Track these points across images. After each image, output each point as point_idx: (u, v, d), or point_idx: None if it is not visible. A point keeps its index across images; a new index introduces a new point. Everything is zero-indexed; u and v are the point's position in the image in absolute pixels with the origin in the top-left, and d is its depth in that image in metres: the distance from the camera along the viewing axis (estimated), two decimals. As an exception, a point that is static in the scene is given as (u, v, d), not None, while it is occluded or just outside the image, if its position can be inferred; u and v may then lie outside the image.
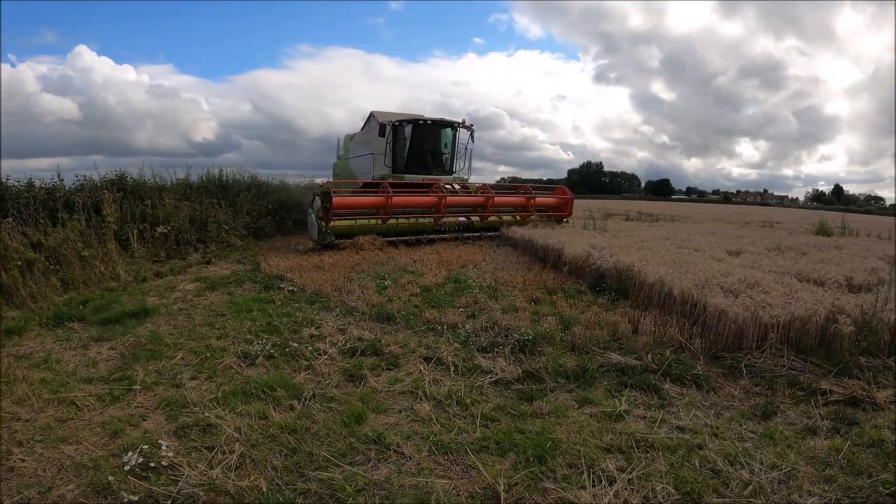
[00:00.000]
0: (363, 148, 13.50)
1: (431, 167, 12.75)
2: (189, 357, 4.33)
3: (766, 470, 2.74)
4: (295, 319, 5.37)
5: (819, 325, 4.35)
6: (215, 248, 9.75)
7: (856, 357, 4.09)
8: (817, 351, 4.29)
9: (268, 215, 12.13)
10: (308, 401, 3.52)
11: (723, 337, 4.56)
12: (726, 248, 8.60)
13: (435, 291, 6.64)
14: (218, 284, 7.02)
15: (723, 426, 3.27)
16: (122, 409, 3.40)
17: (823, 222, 12.87)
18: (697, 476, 2.67)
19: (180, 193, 10.42)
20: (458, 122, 12.51)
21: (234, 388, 3.66)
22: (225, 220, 10.46)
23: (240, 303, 5.96)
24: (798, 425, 3.31)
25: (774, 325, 4.37)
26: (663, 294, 5.69)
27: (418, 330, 5.12)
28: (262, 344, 4.52)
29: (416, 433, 3.15)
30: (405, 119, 12.25)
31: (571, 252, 8.01)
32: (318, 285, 6.75)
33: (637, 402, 3.65)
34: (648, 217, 19.43)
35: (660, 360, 4.24)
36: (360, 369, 4.08)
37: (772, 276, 5.79)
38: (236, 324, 5.19)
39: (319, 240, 9.73)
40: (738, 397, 3.76)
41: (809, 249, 8.46)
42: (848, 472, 2.73)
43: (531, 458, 2.83)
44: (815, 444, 3.04)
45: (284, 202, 12.97)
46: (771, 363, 4.21)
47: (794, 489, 2.59)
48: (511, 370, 4.16)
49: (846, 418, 3.33)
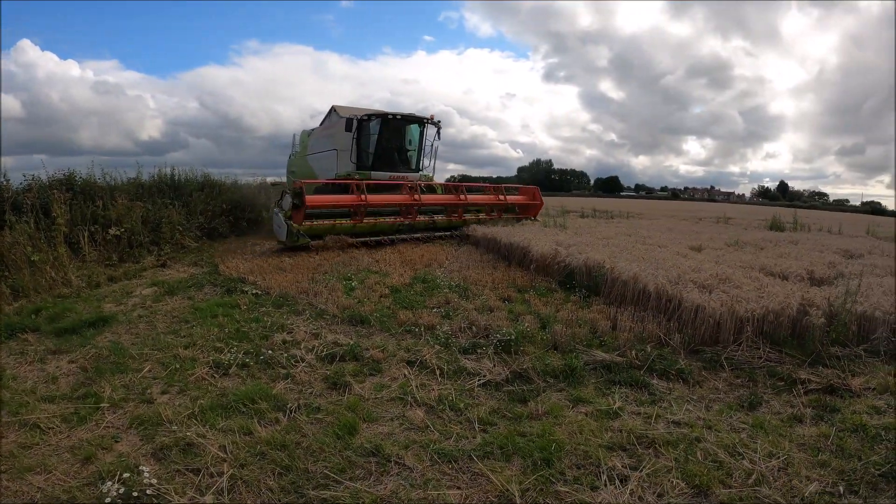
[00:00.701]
0: (325, 144, 13.19)
1: (398, 164, 12.64)
2: (157, 369, 4.10)
3: (765, 459, 2.90)
4: (264, 325, 5.21)
5: (791, 318, 4.64)
6: (170, 250, 9.53)
7: (827, 347, 4.40)
8: (790, 342, 4.58)
9: (222, 215, 11.97)
10: (293, 412, 3.39)
11: (700, 331, 4.78)
12: (688, 244, 9.05)
13: (404, 292, 6.64)
14: (177, 289, 6.80)
15: (715, 419, 3.43)
16: (90, 430, 3.14)
17: (776, 218, 13.82)
18: (703, 469, 2.78)
19: (132, 193, 10.18)
20: (427, 118, 12.40)
21: (211, 401, 3.48)
22: (179, 220, 10.24)
23: (203, 308, 5.76)
24: (783, 414, 3.52)
25: (750, 319, 4.63)
26: (637, 290, 5.89)
27: (395, 332, 5.09)
28: (234, 352, 4.36)
29: (414, 442, 3.09)
30: (372, 114, 12.01)
31: (539, 250, 8.16)
32: (282, 288, 6.61)
33: (629, 398, 3.77)
34: (603, 214, 20.12)
35: (643, 357, 4.39)
36: (342, 376, 3.99)
37: (739, 272, 6.14)
38: (203, 331, 4.99)
39: (289, 241, 9.41)
40: (722, 390, 3.95)
41: (766, 244, 9.03)
42: (839, 457, 2.93)
43: (538, 461, 2.85)
44: (804, 432, 3.25)
45: (238, 202, 12.90)
46: (748, 355, 4.45)
47: (793, 476, 2.75)
48: (499, 371, 4.18)
49: (827, 406, 3.58)
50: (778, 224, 12.99)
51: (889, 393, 3.72)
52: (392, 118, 11.97)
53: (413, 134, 12.90)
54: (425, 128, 12.58)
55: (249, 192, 13.83)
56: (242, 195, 13.46)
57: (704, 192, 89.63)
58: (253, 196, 13.78)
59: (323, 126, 13.76)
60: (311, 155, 14.06)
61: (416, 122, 12.47)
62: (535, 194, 13.53)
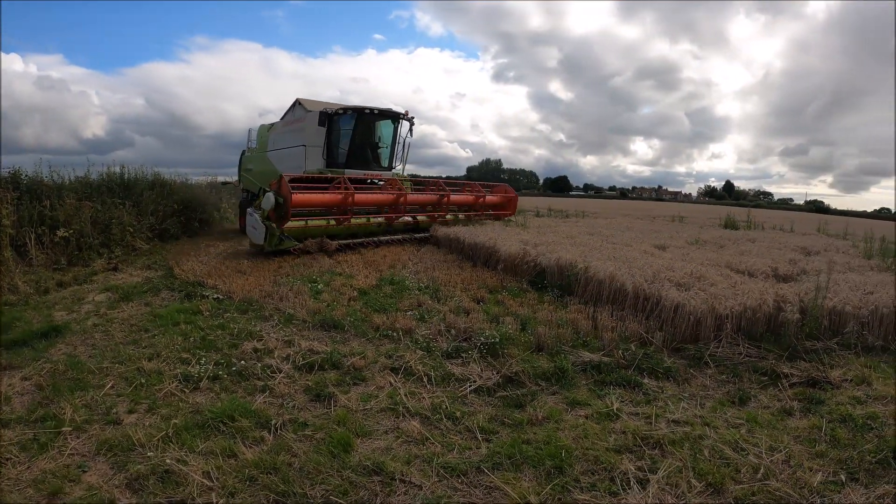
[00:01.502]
0: (290, 139, 12.56)
1: (371, 162, 12.30)
2: (120, 385, 3.82)
3: (768, 453, 3.06)
4: (231, 332, 5.01)
5: (768, 314, 4.89)
6: (121, 252, 9.24)
7: (802, 341, 4.70)
8: (767, 337, 4.85)
9: (173, 216, 11.78)
10: (279, 429, 3.22)
11: (681, 329, 4.97)
12: (651, 243, 9.43)
13: (373, 294, 6.59)
14: (132, 294, 6.53)
15: (710, 416, 3.58)
16: (54, 458, 2.84)
17: (730, 217, 14.65)
18: (712, 467, 2.88)
19: (81, 193, 9.88)
20: (403, 114, 12.10)
21: (185, 420, 3.26)
22: (129, 221, 9.99)
23: (163, 315, 5.50)
24: (773, 408, 3.73)
25: (729, 316, 4.83)
26: (614, 290, 6.05)
27: (371, 337, 5.02)
28: (203, 363, 4.19)
29: (416, 456, 3.01)
30: (347, 107, 11.58)
31: (507, 250, 8.25)
32: (245, 291, 6.43)
33: (624, 399, 3.86)
34: (558, 213, 20.69)
35: (630, 356, 4.50)
36: (324, 386, 3.87)
37: (710, 270, 6.43)
38: (166, 340, 4.76)
39: (269, 244, 8.87)
40: (710, 387, 4.12)
41: (726, 242, 9.55)
42: (835, 447, 3.14)
43: (550, 469, 2.85)
44: (796, 425, 3.46)
45: (189, 201, 12.70)
46: (729, 352, 4.68)
47: (797, 468, 2.92)
48: (488, 376, 4.17)
49: (812, 398, 3.82)
50: (732, 223, 13.82)
51: (866, 384, 4.00)
52: (368, 113, 11.63)
53: (384, 130, 12.58)
54: (399, 124, 12.28)
55: (200, 192, 13.54)
56: (193, 195, 13.18)
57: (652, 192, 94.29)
58: (204, 196, 13.43)
59: (286, 120, 13.17)
60: (273, 151, 13.38)
61: (391, 118, 12.16)
62: (509, 193, 13.70)
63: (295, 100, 12.89)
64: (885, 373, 4.22)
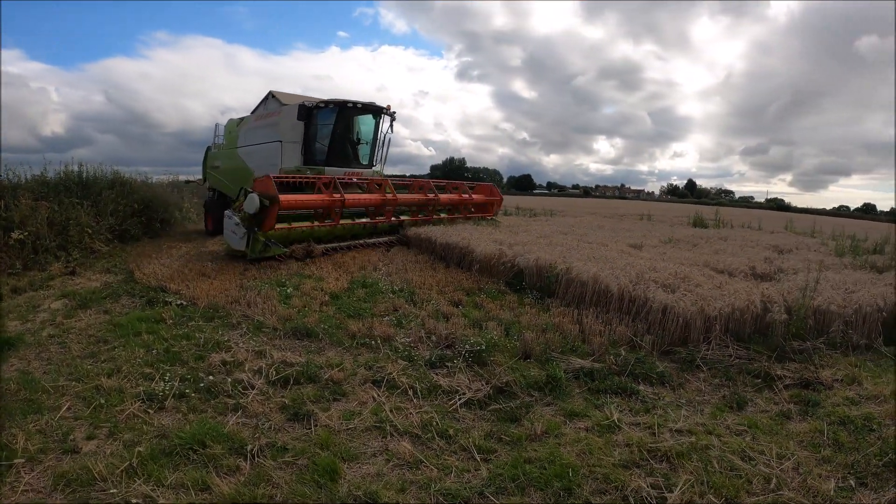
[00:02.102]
0: (263, 135, 11.98)
1: (352, 159, 11.87)
2: (77, 406, 3.52)
3: (777, 461, 3.05)
4: (197, 342, 4.76)
5: (755, 315, 4.93)
6: (79, 255, 8.92)
7: (789, 342, 4.74)
8: (755, 338, 4.88)
9: (133, 216, 11.52)
10: (256, 456, 2.97)
11: (670, 332, 4.95)
12: (627, 242, 9.54)
13: (346, 298, 6.42)
14: (90, 300, 6.26)
15: (712, 423, 3.56)
16: (6, 497, 2.55)
17: (698, 215, 15.05)
18: (725, 479, 2.84)
19: (37, 192, 9.67)
20: (385, 108, 11.69)
21: (151, 447, 2.99)
22: (88, 222, 9.70)
23: (123, 324, 5.23)
24: (771, 412, 3.75)
25: (718, 317, 4.85)
26: (598, 291, 6.00)
27: (348, 346, 4.85)
28: (168, 379, 3.92)
29: (410, 482, 2.82)
30: (329, 101, 11.02)
31: (482, 250, 8.14)
32: (210, 297, 6.15)
33: (622, 408, 3.79)
34: (526, 212, 20.81)
35: (622, 362, 4.44)
36: (301, 404, 3.65)
37: (692, 270, 6.49)
38: (127, 353, 4.48)
39: (253, 251, 8.28)
40: (705, 391, 4.12)
41: (699, 241, 9.75)
42: (839, 451, 3.16)
43: (558, 491, 2.73)
44: (797, 429, 3.49)
45: (150, 201, 12.41)
46: (719, 354, 4.71)
47: (806, 475, 2.90)
48: (478, 387, 4.03)
49: (809, 400, 3.87)
50: (701, 221, 14.20)
51: (857, 383, 4.07)
52: (351, 107, 11.11)
53: (364, 126, 12.11)
54: (381, 119, 11.85)
55: (161, 191, 13.26)
56: (154, 194, 12.89)
57: (615, 190, 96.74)
58: (165, 195, 13.12)
59: (258, 114, 12.59)
60: (244, 148, 12.73)
61: (374, 113, 11.70)
62: (493, 192, 13.57)
63: (268, 92, 12.36)
64: (873, 372, 4.34)
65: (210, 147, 14.55)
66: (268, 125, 11.93)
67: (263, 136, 11.95)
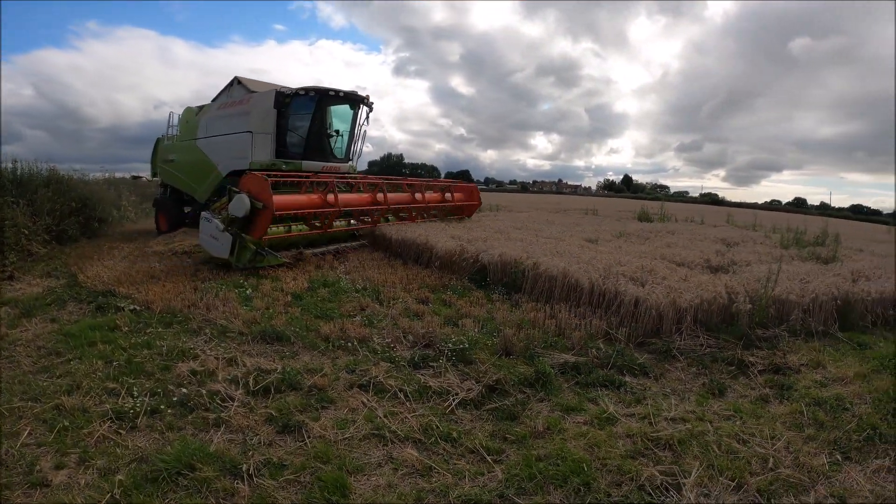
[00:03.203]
0: (230, 124, 11.12)
1: (328, 153, 11.32)
2: (39, 430, 3.21)
3: (770, 442, 3.31)
4: (159, 351, 4.53)
5: (722, 306, 5.28)
6: (15, 258, 8.55)
7: (753, 330, 5.09)
8: (722, 328, 5.22)
9: (71, 215, 11.16)
10: (253, 476, 2.82)
11: (643, 324, 5.20)
12: (581, 237, 9.90)
13: (309, 298, 6.33)
14: (34, 308, 5.93)
15: (701, 410, 3.81)
16: None
17: (643, 210, 15.84)
18: (727, 462, 3.06)
19: None
20: (365, 98, 11.21)
21: (131, 474, 2.77)
22: (24, 223, 9.39)
23: (75, 333, 4.93)
24: (750, 397, 4.07)
25: (689, 309, 5.14)
26: (568, 286, 6.19)
27: (323, 349, 4.76)
28: (136, 394, 3.70)
29: (426, 491, 2.80)
30: (309, 89, 10.37)
31: (442, 247, 8.20)
32: (165, 300, 5.92)
33: (613, 400, 3.96)
34: (470, 207, 20.95)
35: (604, 355, 4.63)
36: (288, 414, 3.53)
37: (655, 263, 6.82)
38: (84, 366, 4.20)
39: (241, 260, 7.56)
40: (685, 380, 4.39)
41: (649, 235, 10.29)
42: (821, 430, 3.48)
43: (577, 486, 2.82)
44: (777, 411, 3.81)
45: (87, 199, 12.02)
46: (691, 343, 5.03)
47: (797, 453, 3.18)
48: (469, 387, 4.07)
49: (781, 384, 4.24)
50: (646, 216, 14.96)
51: (821, 367, 4.47)
52: (333, 95, 10.51)
53: (337, 117, 11.57)
54: (359, 109, 11.36)
55: (98, 189, 12.94)
56: (92, 192, 12.49)
57: (552, 185, 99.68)
58: (102, 193, 12.77)
59: (222, 103, 11.73)
60: (205, 139, 11.81)
61: (355, 102, 11.14)
62: (474, 193, 13.50)
63: (233, 78, 11.62)
64: (833, 356, 4.80)
65: (162, 138, 13.49)
66: (234, 114, 11.13)
67: (229, 126, 11.13)
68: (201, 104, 12.59)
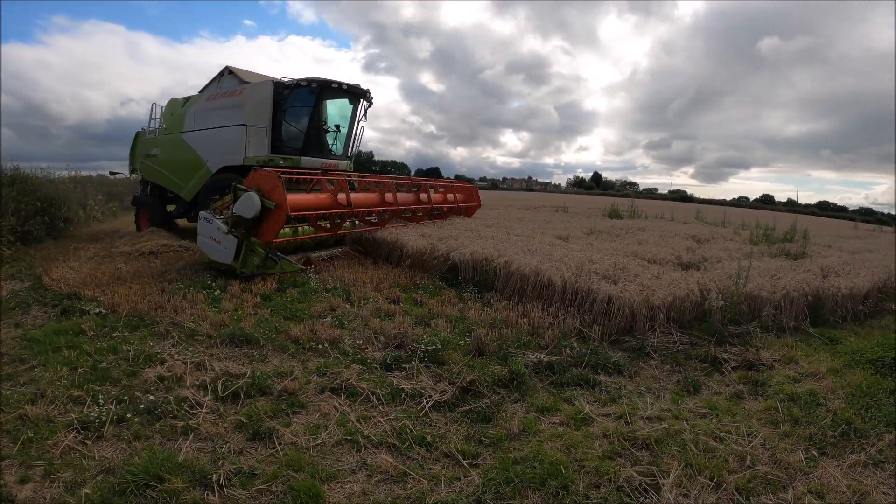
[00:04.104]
0: (221, 117, 10.57)
1: (327, 149, 10.91)
2: (2, 441, 3.10)
3: (746, 439, 3.35)
4: (126, 356, 4.40)
5: (694, 303, 5.37)
6: None
7: (726, 326, 5.20)
8: (695, 325, 5.31)
9: (36, 215, 10.89)
10: (224, 487, 2.71)
11: (616, 322, 5.25)
12: (552, 234, 9.97)
13: (278, 299, 6.25)
14: None
15: (676, 409, 3.84)
16: None
17: (614, 207, 16.08)
18: (705, 461, 3.08)
19: None
20: (367, 92, 10.81)
21: (98, 487, 2.65)
22: None
23: (39, 339, 4.79)
24: (724, 394, 4.14)
25: (662, 306, 5.22)
26: (541, 284, 6.22)
27: (293, 352, 4.67)
28: (102, 402, 3.58)
29: (403, 498, 2.73)
30: (311, 80, 9.82)
31: (413, 245, 8.15)
32: (131, 303, 5.77)
33: (588, 399, 3.96)
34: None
35: (578, 354, 4.65)
36: (259, 420, 3.41)
37: (627, 260, 6.90)
38: (49, 373, 4.06)
39: (248, 266, 7.01)
40: (660, 378, 4.44)
41: (620, 232, 10.44)
42: (797, 425, 3.56)
43: (555, 489, 2.79)
44: (753, 408, 3.88)
45: (53, 199, 11.76)
46: (664, 340, 5.09)
47: (774, 450, 3.23)
48: (442, 388, 4.03)
49: (755, 381, 4.32)
50: (616, 213, 15.19)
51: (794, 362, 4.59)
52: (336, 87, 10.04)
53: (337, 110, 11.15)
54: (360, 103, 10.94)
55: (64, 188, 12.88)
56: (58, 191, 12.28)
57: (522, 183, 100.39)
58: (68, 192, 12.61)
59: (211, 94, 11.17)
60: (192, 133, 11.27)
61: (356, 96, 10.76)
62: (474, 194, 13.33)
63: (224, 68, 11.12)
64: (805, 351, 4.94)
65: (142, 132, 12.83)
66: (226, 106, 10.55)
67: (220, 118, 10.57)
68: (188, 95, 12.02)
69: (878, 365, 4.53)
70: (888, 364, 4.51)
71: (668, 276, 6.06)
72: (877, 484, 2.92)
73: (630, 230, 10.81)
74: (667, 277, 5.96)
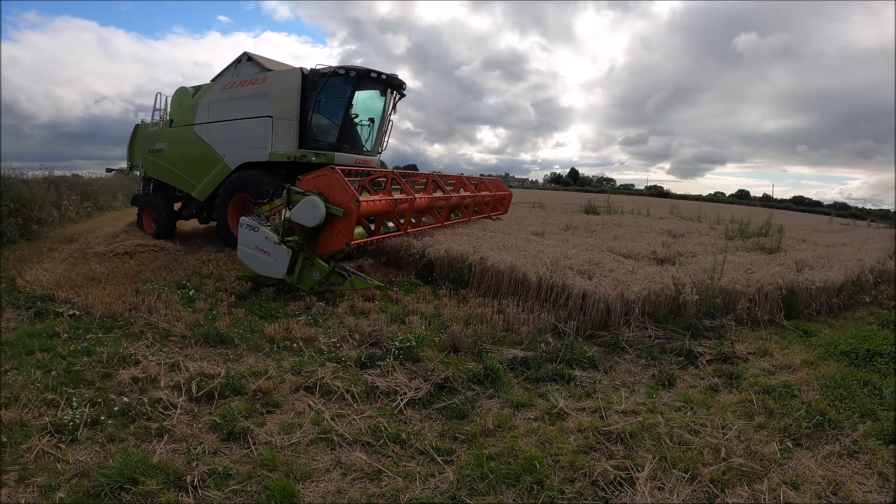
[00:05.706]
0: (243, 108, 9.80)
1: (360, 144, 10.26)
2: None
3: (721, 431, 3.44)
4: (99, 358, 4.42)
5: (669, 297, 5.50)
6: None
7: (701, 320, 5.33)
8: (670, 319, 5.43)
9: (9, 216, 10.90)
10: (198, 488, 2.70)
11: (591, 317, 5.35)
12: (528, 230, 10.06)
13: (253, 298, 6.33)
14: None
15: (651, 402, 3.91)
16: None
17: (591, 203, 16.30)
18: (680, 454, 3.14)
19: None
20: (403, 84, 10.17)
21: (73, 491, 2.66)
22: None
23: (13, 342, 4.81)
24: (699, 387, 4.23)
25: (637, 301, 5.33)
26: (516, 280, 6.28)
27: (268, 351, 4.71)
28: (75, 405, 3.59)
29: (377, 495, 2.74)
30: (349, 68, 9.04)
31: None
32: (106, 304, 5.84)
33: (563, 394, 4.02)
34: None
35: (553, 349, 4.72)
36: (233, 420, 3.42)
37: (603, 256, 7.03)
38: (23, 377, 4.06)
39: (306, 282, 6.41)
40: (635, 372, 4.53)
41: (596, 227, 10.60)
42: (771, 417, 3.66)
43: (530, 485, 2.82)
44: (728, 400, 3.97)
45: (27, 199, 11.76)
46: (639, 335, 5.19)
47: (749, 442, 3.32)
48: (417, 385, 4.05)
49: (730, 374, 4.43)
50: (593, 208, 15.41)
51: (768, 355, 4.74)
52: (375, 77, 9.27)
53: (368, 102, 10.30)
54: (391, 97, 10.24)
55: (38, 189, 12.81)
56: (32, 192, 12.26)
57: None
58: (42, 193, 12.58)
59: (228, 83, 10.30)
60: (207, 125, 10.43)
61: (393, 87, 10.09)
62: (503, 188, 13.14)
63: (242, 53, 10.37)
64: (780, 344, 5.10)
65: (143, 125, 12.07)
66: (248, 96, 9.76)
67: (241, 109, 9.79)
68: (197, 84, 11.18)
69: (852, 357, 4.70)
70: (862, 356, 4.68)
71: (644, 270, 6.18)
72: (851, 474, 3.01)
73: (606, 226, 10.98)
74: (642, 272, 6.08)
